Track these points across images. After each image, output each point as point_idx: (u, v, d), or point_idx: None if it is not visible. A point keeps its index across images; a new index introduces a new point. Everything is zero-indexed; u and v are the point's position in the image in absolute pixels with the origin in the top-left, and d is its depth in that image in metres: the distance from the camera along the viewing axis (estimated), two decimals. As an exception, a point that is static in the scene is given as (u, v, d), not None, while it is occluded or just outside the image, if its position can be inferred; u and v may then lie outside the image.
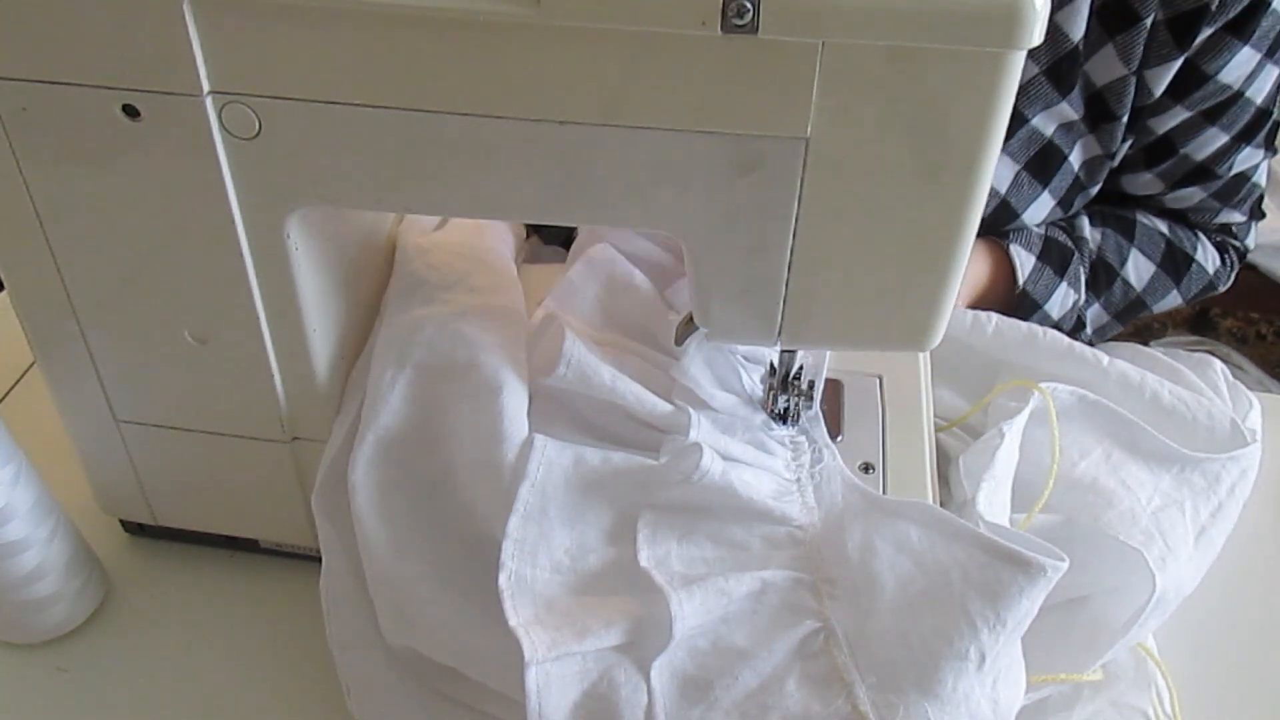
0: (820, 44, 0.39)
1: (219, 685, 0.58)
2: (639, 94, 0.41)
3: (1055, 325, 0.82)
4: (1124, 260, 0.84)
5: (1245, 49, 0.73)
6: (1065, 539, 0.50)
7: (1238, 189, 0.84)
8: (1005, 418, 0.60)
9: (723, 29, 0.38)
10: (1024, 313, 0.80)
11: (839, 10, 0.38)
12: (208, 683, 0.58)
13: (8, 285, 0.52)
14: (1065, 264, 0.81)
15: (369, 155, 0.45)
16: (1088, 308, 0.83)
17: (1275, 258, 1.36)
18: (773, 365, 0.57)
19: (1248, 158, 0.81)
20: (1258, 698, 0.60)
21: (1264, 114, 0.78)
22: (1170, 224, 0.86)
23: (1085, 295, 0.83)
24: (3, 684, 0.58)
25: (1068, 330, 0.82)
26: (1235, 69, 0.74)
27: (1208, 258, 0.86)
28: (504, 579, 0.48)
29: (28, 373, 0.77)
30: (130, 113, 0.44)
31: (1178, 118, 0.78)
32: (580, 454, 0.52)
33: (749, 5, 0.38)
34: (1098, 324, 0.85)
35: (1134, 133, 0.79)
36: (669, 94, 0.41)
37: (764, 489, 0.53)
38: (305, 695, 0.57)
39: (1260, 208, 0.88)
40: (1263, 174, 0.85)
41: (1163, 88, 0.76)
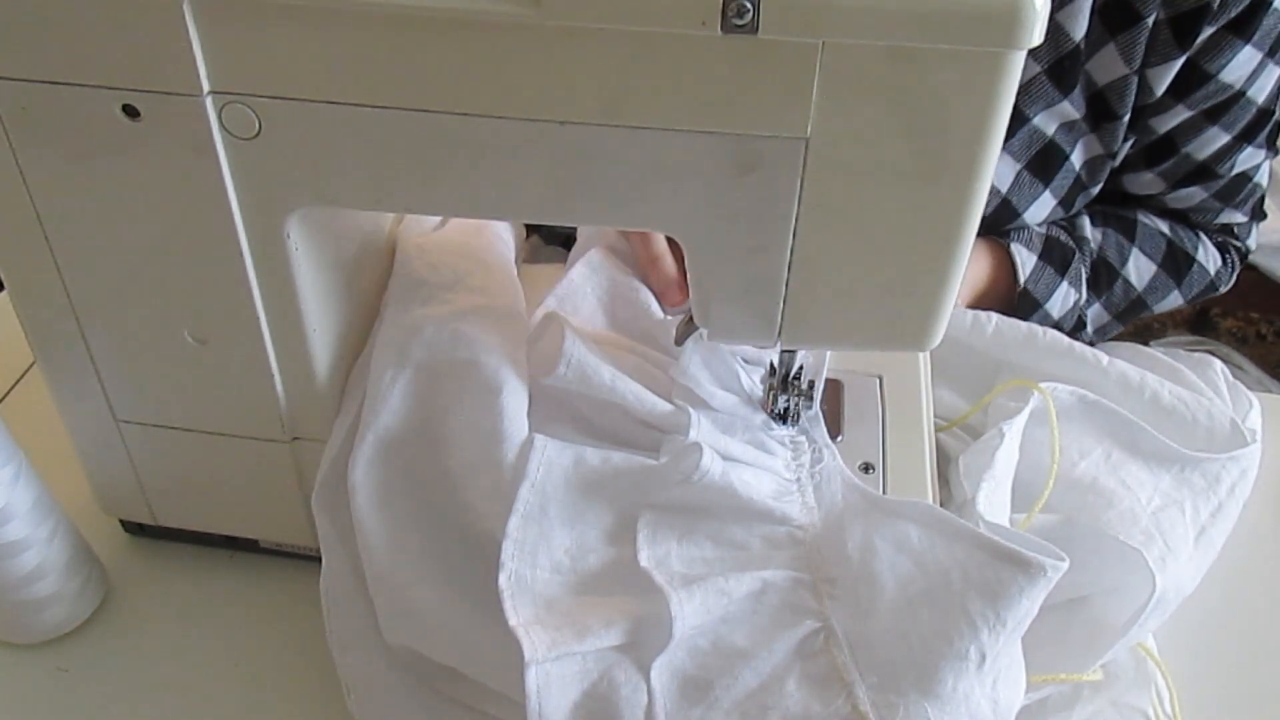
0: (820, 44, 0.39)
1: (219, 685, 0.58)
2: (639, 94, 0.41)
3: (1056, 324, 0.81)
4: (1125, 260, 0.84)
5: (1247, 48, 0.73)
6: (1065, 539, 0.50)
7: (1239, 189, 0.84)
8: (1005, 418, 0.60)
9: (723, 29, 0.38)
10: (1025, 312, 0.80)
11: (839, 10, 0.38)
12: (208, 682, 0.58)
13: (8, 285, 0.52)
14: (1066, 263, 0.81)
15: (369, 155, 0.45)
16: (1088, 307, 0.83)
17: (1275, 258, 1.36)
18: (773, 365, 0.57)
19: (1249, 158, 0.81)
20: (1258, 698, 0.60)
21: (1265, 114, 0.78)
22: (1171, 224, 0.86)
23: (1086, 295, 0.83)
24: (3, 684, 0.58)
25: (1068, 330, 0.82)
26: (1236, 68, 0.74)
27: (1209, 258, 0.86)
28: (504, 579, 0.48)
29: (28, 373, 0.77)
30: (130, 113, 0.44)
31: (1179, 117, 0.78)
32: (580, 454, 0.52)
33: (749, 5, 0.38)
34: (1098, 323, 0.85)
35: (1135, 132, 0.79)
36: (669, 94, 0.41)
37: (764, 489, 0.53)
38: (305, 695, 0.57)
39: (1262, 208, 0.88)
40: (1264, 174, 0.85)
41: (1164, 87, 0.75)
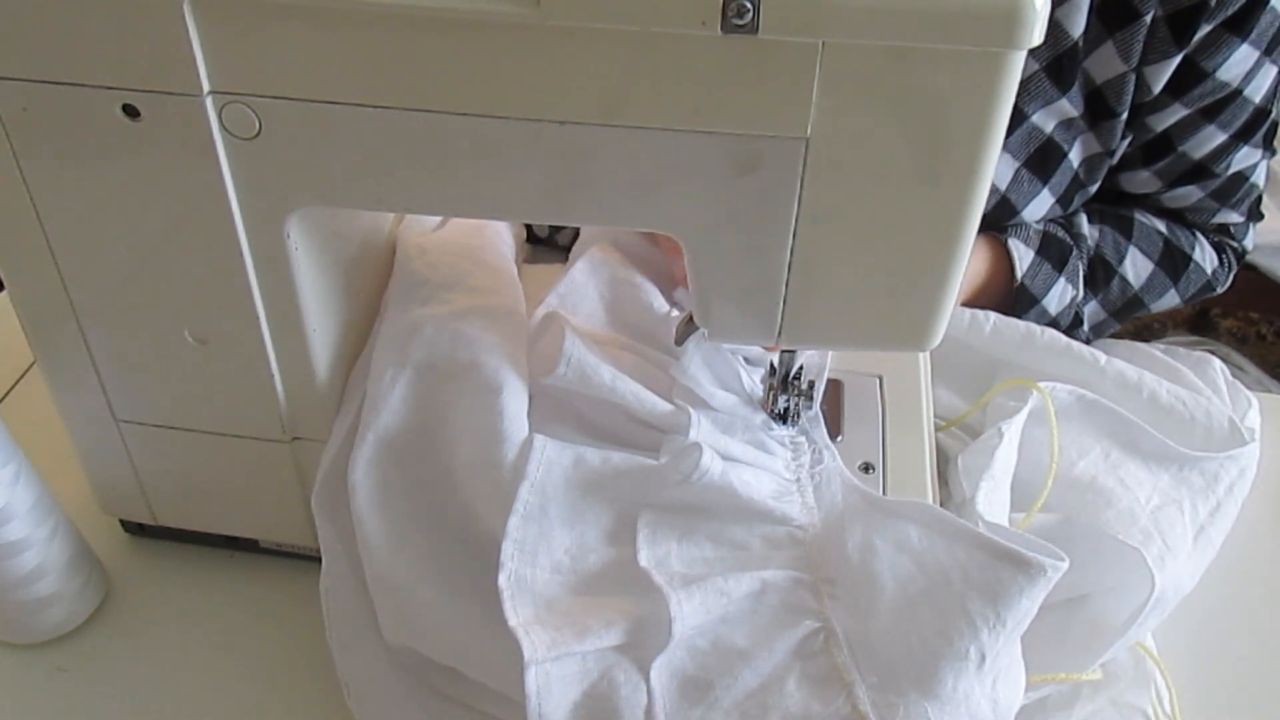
0: (820, 44, 0.39)
1: (219, 685, 0.58)
2: (639, 94, 0.41)
3: (1053, 321, 0.82)
4: (1122, 258, 0.84)
5: (1244, 46, 0.74)
6: (1064, 538, 0.50)
7: (1235, 188, 0.84)
8: (1004, 417, 0.60)
9: (723, 29, 0.38)
10: (1022, 307, 0.80)
11: (839, 10, 0.38)
12: (208, 682, 0.58)
13: (8, 285, 0.52)
14: (1064, 259, 0.81)
15: (369, 155, 0.45)
16: (1085, 304, 0.83)
17: (1275, 258, 1.36)
18: (773, 365, 0.57)
19: (1245, 157, 0.81)
20: (1257, 697, 0.60)
21: (1262, 113, 0.78)
22: (1168, 223, 0.86)
23: (1083, 292, 0.83)
24: (3, 684, 0.58)
25: (1065, 327, 0.82)
26: (1233, 66, 0.74)
27: (1206, 257, 0.86)
28: (504, 579, 0.48)
29: (28, 373, 0.77)
30: (130, 113, 0.44)
31: (1176, 115, 0.78)
32: (580, 454, 0.52)
33: (749, 5, 0.38)
34: (1095, 321, 0.85)
35: (1133, 130, 0.79)
36: (669, 94, 0.41)
37: (764, 489, 0.53)
38: (305, 695, 0.57)
39: (1259, 209, 0.88)
40: (1261, 174, 0.85)
41: (1162, 85, 0.76)
